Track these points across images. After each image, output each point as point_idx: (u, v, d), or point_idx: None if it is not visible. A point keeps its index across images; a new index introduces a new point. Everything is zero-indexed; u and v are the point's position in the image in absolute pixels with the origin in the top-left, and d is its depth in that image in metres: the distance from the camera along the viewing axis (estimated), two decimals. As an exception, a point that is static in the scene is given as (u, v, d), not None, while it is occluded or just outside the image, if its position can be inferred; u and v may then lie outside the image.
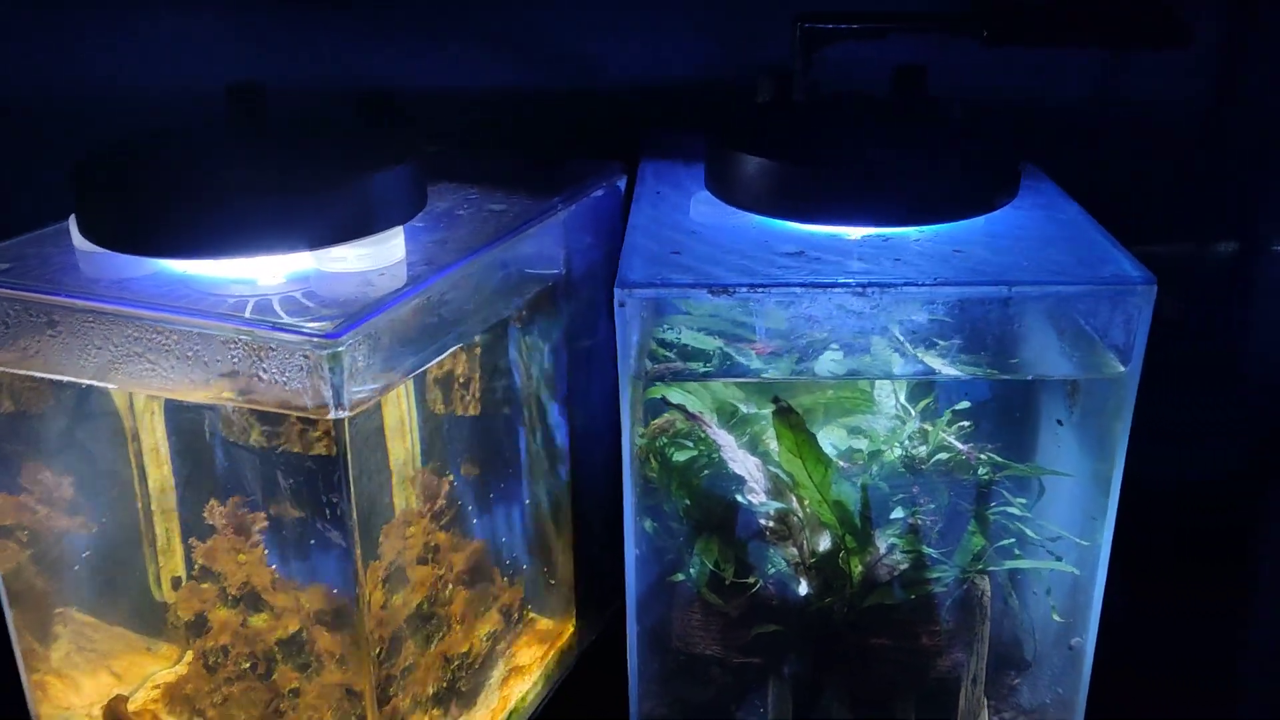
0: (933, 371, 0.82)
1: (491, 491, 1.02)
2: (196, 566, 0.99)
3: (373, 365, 0.76)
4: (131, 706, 1.02)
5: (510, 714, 1.05)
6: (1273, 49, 1.07)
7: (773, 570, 0.91)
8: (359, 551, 0.79)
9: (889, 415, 0.90)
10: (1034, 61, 1.15)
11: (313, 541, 0.93)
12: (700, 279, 0.80)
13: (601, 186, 1.06)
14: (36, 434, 0.95)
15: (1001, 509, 0.90)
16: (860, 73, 0.98)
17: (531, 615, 1.14)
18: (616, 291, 0.80)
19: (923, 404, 0.90)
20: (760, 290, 0.79)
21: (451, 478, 0.98)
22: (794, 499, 0.88)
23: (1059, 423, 0.86)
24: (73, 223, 0.85)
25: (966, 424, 0.90)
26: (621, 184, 1.11)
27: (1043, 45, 1.11)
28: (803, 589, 0.91)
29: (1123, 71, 1.19)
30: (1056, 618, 0.91)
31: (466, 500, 1.01)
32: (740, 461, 0.87)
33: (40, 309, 0.81)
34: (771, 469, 0.88)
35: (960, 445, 0.88)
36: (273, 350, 0.73)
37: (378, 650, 0.86)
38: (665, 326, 0.82)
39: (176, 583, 1.07)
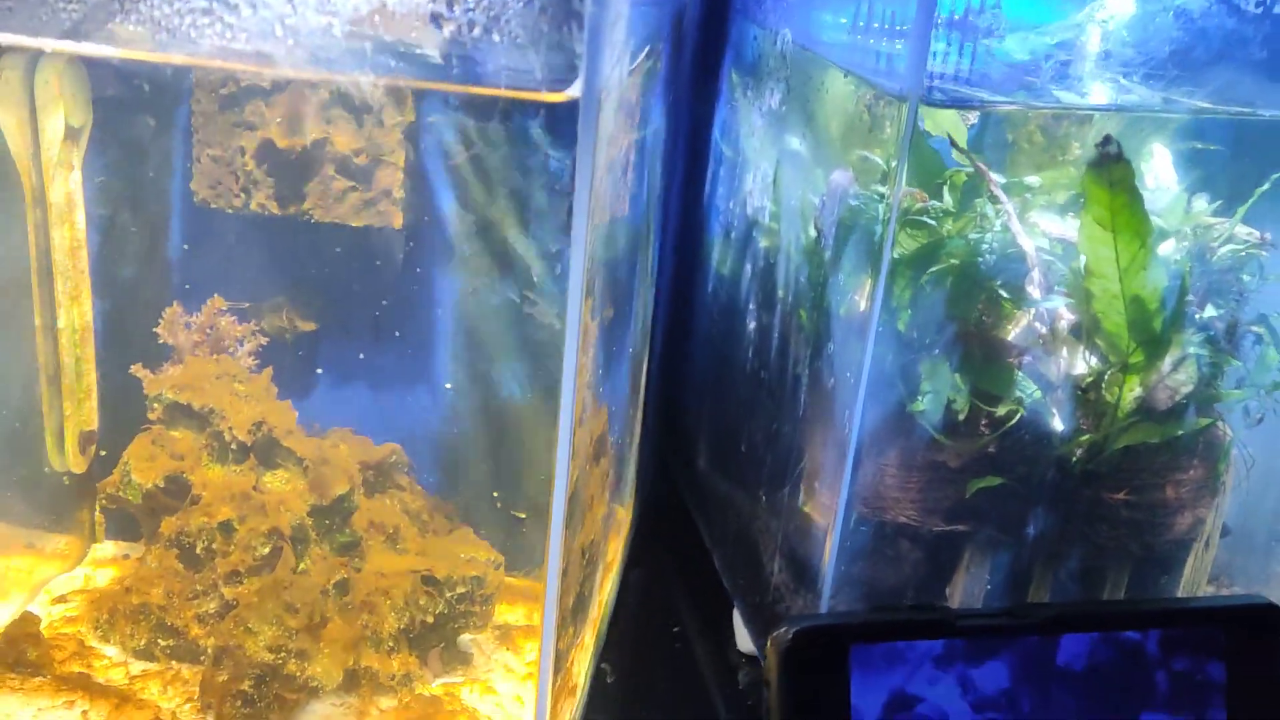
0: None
1: (614, 343, 0.71)
2: (157, 406, 0.64)
3: (615, 41, 0.46)
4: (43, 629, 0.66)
5: (604, 610, 0.78)
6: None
7: (1022, 398, 0.67)
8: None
9: (1175, 193, 0.68)
10: None
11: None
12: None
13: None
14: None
15: (1296, 316, 0.70)
16: None
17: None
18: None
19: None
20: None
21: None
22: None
23: None
24: None
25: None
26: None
27: None
28: (1057, 424, 0.68)
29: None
30: (1346, 455, 0.73)
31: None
32: (1026, 235, 0.62)
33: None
34: (1047, 258, 0.65)
35: (1260, 233, 0.68)
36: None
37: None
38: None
39: (88, 440, 0.71)
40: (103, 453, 0.73)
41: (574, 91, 0.44)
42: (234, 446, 0.63)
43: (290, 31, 0.45)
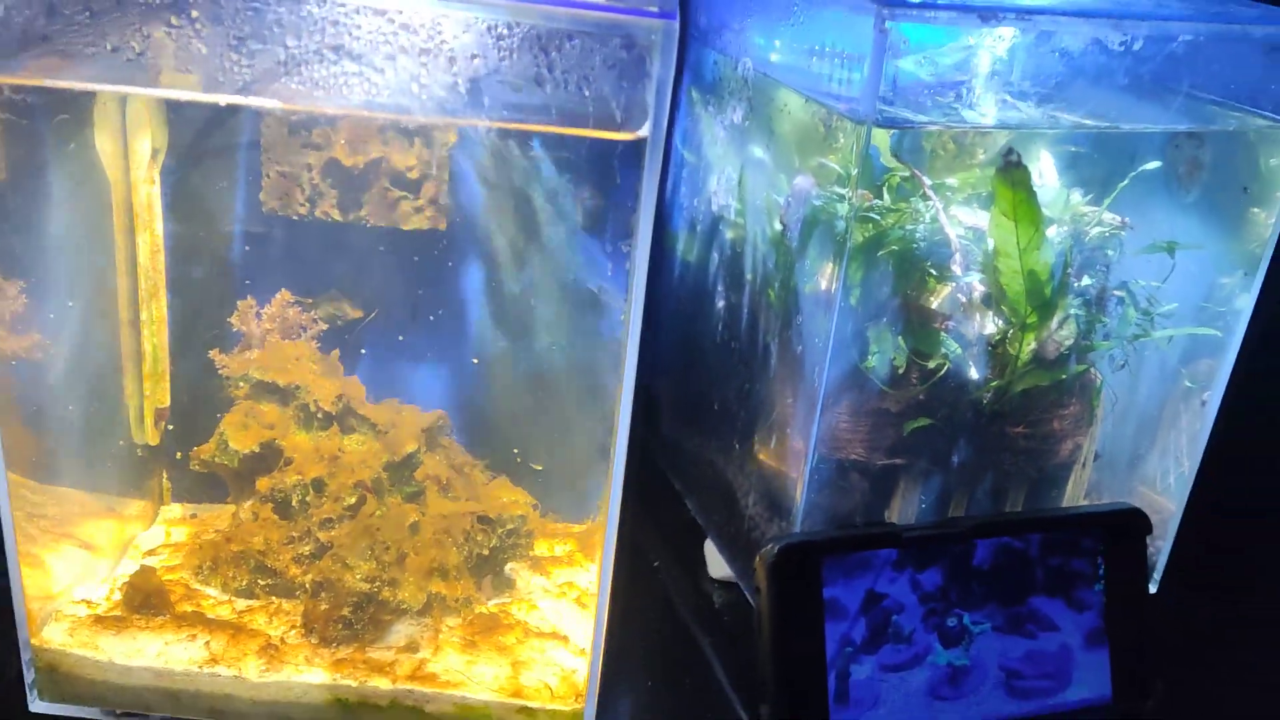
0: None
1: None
2: (243, 385, 0.76)
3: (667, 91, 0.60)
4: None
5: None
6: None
7: (947, 354, 0.84)
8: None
9: (1057, 189, 0.85)
10: None
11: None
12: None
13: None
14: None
15: (1149, 283, 0.89)
16: None
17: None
18: (878, 17, 0.68)
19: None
20: (1027, 17, 0.72)
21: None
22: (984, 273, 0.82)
23: (1245, 190, 0.86)
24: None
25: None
26: None
27: None
28: (973, 373, 0.85)
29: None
30: (1188, 383, 0.92)
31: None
32: (950, 226, 0.79)
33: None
34: (965, 242, 0.81)
35: (1120, 218, 0.86)
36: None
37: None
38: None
39: (160, 417, 0.82)
40: (170, 427, 0.84)
41: (643, 132, 0.59)
42: (319, 416, 0.76)
43: (424, 88, 0.58)
